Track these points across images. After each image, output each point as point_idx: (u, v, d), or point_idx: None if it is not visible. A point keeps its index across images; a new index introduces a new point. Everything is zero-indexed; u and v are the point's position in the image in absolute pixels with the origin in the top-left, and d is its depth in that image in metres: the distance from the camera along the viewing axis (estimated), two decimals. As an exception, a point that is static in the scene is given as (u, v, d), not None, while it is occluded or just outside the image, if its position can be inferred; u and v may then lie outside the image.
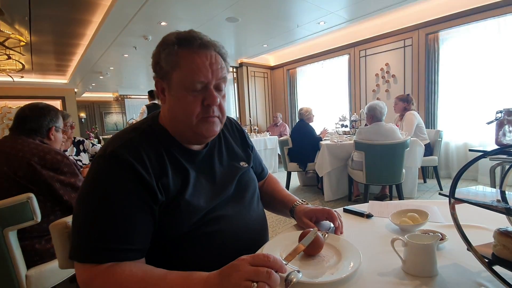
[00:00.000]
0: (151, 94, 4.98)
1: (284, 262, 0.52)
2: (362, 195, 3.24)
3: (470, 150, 0.63)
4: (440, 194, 0.62)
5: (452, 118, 4.33)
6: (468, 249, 0.53)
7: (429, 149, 3.62)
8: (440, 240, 0.66)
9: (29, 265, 1.28)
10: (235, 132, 0.93)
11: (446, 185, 3.96)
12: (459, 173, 0.54)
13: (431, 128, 4.33)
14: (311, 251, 0.66)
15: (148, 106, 5.09)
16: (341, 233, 0.78)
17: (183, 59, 0.67)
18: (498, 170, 2.48)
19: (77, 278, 0.56)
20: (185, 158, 0.73)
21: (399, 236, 0.61)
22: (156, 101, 4.92)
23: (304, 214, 0.82)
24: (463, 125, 4.22)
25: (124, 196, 0.59)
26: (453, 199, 0.55)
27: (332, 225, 0.80)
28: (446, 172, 4.42)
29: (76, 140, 2.35)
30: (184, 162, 0.71)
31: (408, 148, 2.86)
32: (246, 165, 0.87)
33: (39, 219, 1.21)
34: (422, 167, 3.78)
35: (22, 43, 4.58)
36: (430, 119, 4.47)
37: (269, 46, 5.65)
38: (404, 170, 2.93)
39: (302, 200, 0.89)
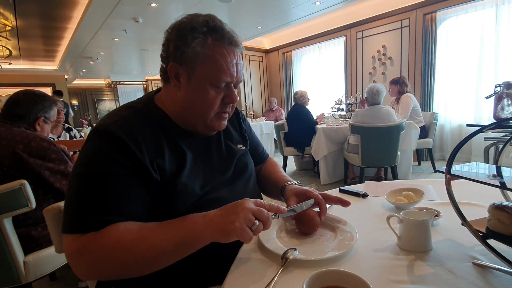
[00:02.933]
0: (59, 93, 6.04)
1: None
2: (358, 178, 3.27)
3: (467, 125, 0.63)
4: (436, 171, 0.62)
5: (447, 100, 4.33)
6: (462, 224, 0.53)
7: (424, 132, 3.64)
8: (434, 216, 0.66)
9: (26, 252, 1.28)
10: (232, 115, 0.91)
11: (440, 167, 3.95)
12: (456, 149, 0.54)
13: (427, 111, 4.34)
14: (307, 230, 0.66)
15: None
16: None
17: (216, 54, 0.65)
18: (492, 151, 2.50)
19: (66, 252, 0.55)
20: (183, 140, 0.72)
21: (394, 213, 0.61)
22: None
23: (294, 194, 0.76)
24: (458, 107, 4.23)
25: (115, 169, 0.59)
26: (449, 175, 0.55)
27: (328, 205, 0.81)
28: (440, 154, 4.47)
29: (66, 127, 2.32)
30: (181, 144, 0.71)
31: (404, 131, 2.87)
32: (244, 147, 0.86)
33: (33, 205, 1.20)
34: (417, 149, 3.81)
35: (8, 28, 4.41)
36: (426, 101, 4.47)
37: (264, 28, 5.51)
38: (399, 153, 2.95)
39: (296, 182, 0.84)
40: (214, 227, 0.54)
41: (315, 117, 4.08)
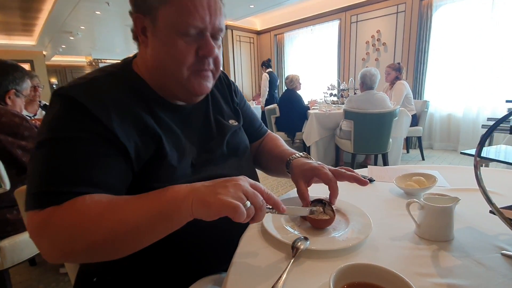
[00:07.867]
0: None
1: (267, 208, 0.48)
2: (349, 164, 3.27)
3: (488, 119, 0.60)
4: (462, 153, 0.57)
5: (439, 89, 4.35)
6: (490, 211, 0.49)
7: (415, 120, 3.66)
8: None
9: (2, 236, 1.19)
10: (224, 86, 0.81)
11: (428, 155, 4.08)
12: (488, 131, 0.48)
13: (418, 99, 4.35)
14: (320, 225, 0.59)
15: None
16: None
17: None
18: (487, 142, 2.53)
19: (28, 229, 0.46)
20: (165, 112, 0.62)
21: (414, 199, 0.56)
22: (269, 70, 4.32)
23: (302, 173, 0.66)
24: (448, 97, 4.26)
25: (81, 135, 0.50)
26: (479, 158, 0.50)
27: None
28: (428, 142, 4.54)
29: (42, 104, 2.15)
30: (164, 117, 0.61)
31: (397, 118, 2.85)
32: (236, 123, 0.76)
33: (7, 186, 1.11)
34: (406, 137, 3.84)
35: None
36: (417, 89, 4.47)
37: (256, 7, 5.29)
38: (390, 140, 2.95)
39: (302, 153, 0.74)
40: (196, 197, 0.44)
41: (306, 103, 4.01)
